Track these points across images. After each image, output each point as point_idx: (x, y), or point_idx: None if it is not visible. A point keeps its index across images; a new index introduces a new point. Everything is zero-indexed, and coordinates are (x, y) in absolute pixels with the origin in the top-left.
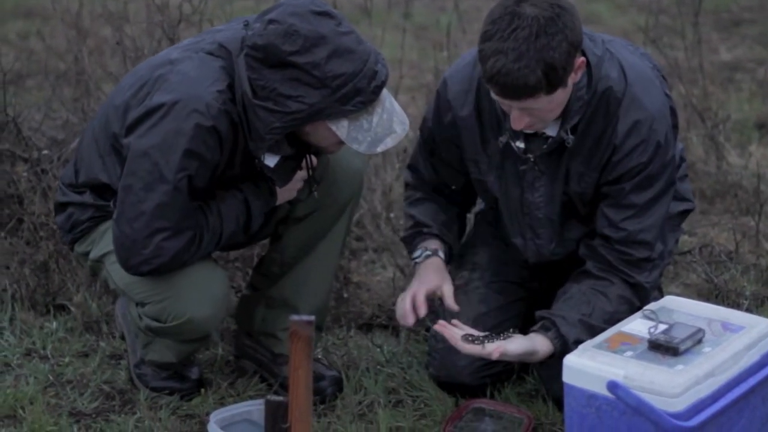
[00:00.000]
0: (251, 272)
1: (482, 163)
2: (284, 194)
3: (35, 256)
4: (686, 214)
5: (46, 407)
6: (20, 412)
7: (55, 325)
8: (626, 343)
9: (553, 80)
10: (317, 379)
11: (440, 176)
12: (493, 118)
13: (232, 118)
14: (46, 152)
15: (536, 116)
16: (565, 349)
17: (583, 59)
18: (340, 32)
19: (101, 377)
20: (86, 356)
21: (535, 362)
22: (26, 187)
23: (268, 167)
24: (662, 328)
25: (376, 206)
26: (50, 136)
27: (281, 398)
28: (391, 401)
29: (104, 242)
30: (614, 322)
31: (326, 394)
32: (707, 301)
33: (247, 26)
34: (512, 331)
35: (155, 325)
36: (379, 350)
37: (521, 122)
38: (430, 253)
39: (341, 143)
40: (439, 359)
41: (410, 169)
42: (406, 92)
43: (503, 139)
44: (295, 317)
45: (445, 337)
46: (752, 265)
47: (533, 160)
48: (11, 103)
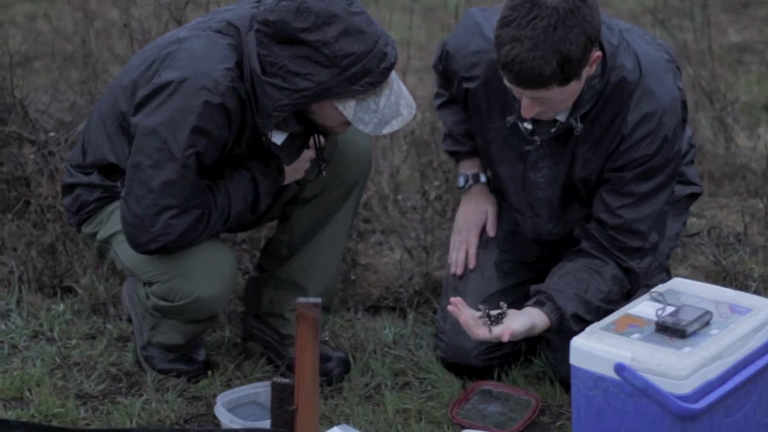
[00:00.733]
0: (259, 254)
1: (488, 133)
2: (292, 174)
3: (42, 238)
4: (694, 198)
5: (53, 389)
6: (27, 394)
7: (62, 307)
8: (633, 325)
9: (567, 72)
10: (324, 360)
11: None
12: (502, 93)
13: (240, 95)
14: (53, 134)
15: (547, 106)
16: (561, 322)
17: (599, 53)
18: (351, 12)
19: (108, 359)
20: (93, 338)
21: (535, 339)
22: (33, 169)
23: (275, 144)
24: (670, 310)
25: (383, 188)
26: (57, 118)
27: (288, 380)
28: (398, 383)
29: (111, 223)
30: (607, 301)
31: (333, 375)
32: (715, 283)
33: (259, 3)
34: (504, 306)
35: (163, 304)
36: (386, 332)
37: (531, 111)
38: (472, 181)
39: (347, 124)
40: (446, 342)
41: (436, 71)
42: (414, 74)
43: (511, 119)
44: (301, 299)
45: (458, 319)
46: (760, 247)
47: (539, 143)
48: (18, 85)
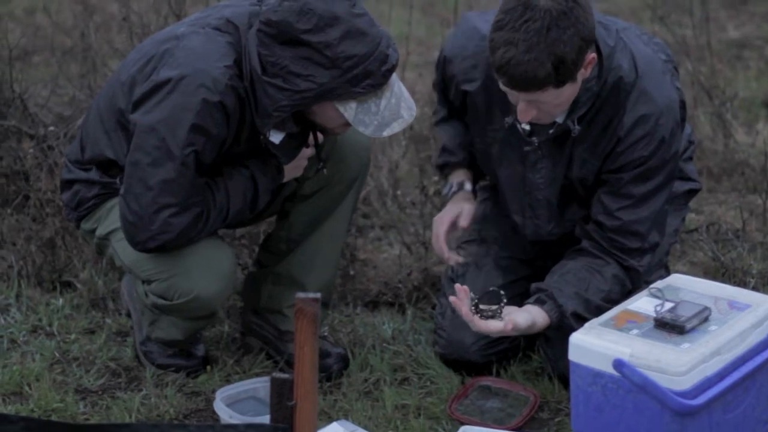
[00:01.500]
0: (258, 249)
1: (487, 134)
2: (291, 171)
3: (41, 232)
4: (692, 194)
5: (52, 384)
6: (26, 388)
7: (61, 302)
8: (632, 321)
9: (562, 74)
10: (323, 356)
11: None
12: (502, 94)
13: (239, 93)
14: (52, 128)
15: (543, 110)
16: (561, 320)
17: (593, 55)
18: (354, 13)
19: (107, 354)
20: (92, 333)
21: (534, 335)
22: (32, 163)
23: (273, 144)
24: (668, 306)
25: (382, 183)
26: (56, 112)
27: (287, 375)
28: (397, 379)
29: (110, 219)
30: (608, 300)
31: (332, 371)
32: (714, 279)
33: (260, 2)
34: (504, 303)
35: (162, 302)
36: (385, 327)
37: (527, 115)
38: (456, 188)
39: (347, 125)
40: (445, 337)
41: (435, 89)
42: (413, 69)
43: (509, 119)
44: (301, 294)
45: (459, 311)
46: (759, 243)
47: (537, 144)
48: (17, 79)
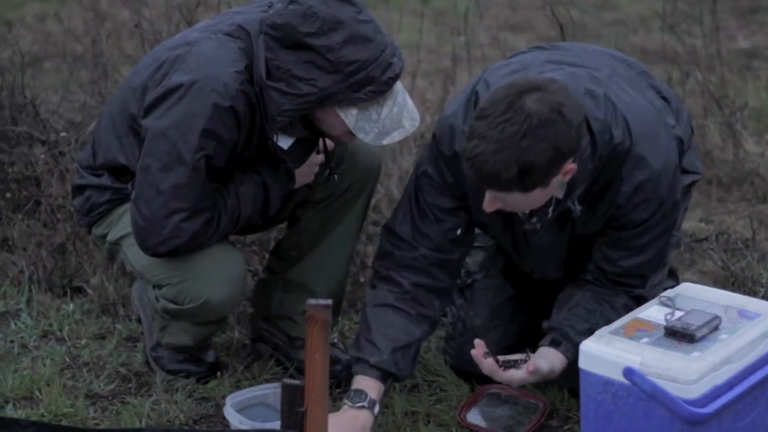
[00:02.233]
0: (268, 256)
1: (487, 218)
2: (302, 177)
3: (52, 238)
4: (694, 184)
5: (62, 389)
6: (37, 393)
7: (71, 307)
8: (642, 329)
9: (527, 182)
10: (333, 362)
11: (427, 232)
12: None
13: (249, 98)
14: (63, 134)
15: (511, 205)
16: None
17: (572, 166)
18: (359, 19)
19: (118, 359)
20: (103, 338)
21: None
22: (44, 169)
23: (281, 149)
24: (678, 314)
25: (392, 191)
26: (68, 118)
27: (297, 381)
28: (406, 386)
29: (122, 225)
30: None
31: (341, 378)
32: (723, 288)
33: (270, 7)
34: (527, 355)
35: (172, 307)
36: None
37: (492, 206)
38: (365, 404)
39: (351, 134)
40: (456, 348)
41: (388, 230)
42: (423, 77)
43: None
44: (312, 301)
45: (481, 366)
46: None
47: (539, 227)
48: (29, 85)
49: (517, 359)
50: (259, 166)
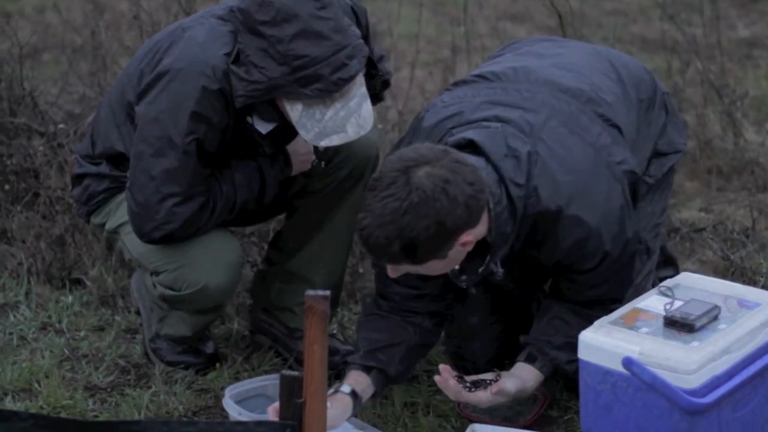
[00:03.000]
0: (267, 247)
1: None
2: (299, 165)
3: (51, 230)
4: (674, 166)
5: (61, 381)
6: (36, 385)
7: (70, 299)
8: (642, 319)
9: (415, 256)
10: (331, 353)
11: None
12: None
13: None
14: (62, 126)
15: (414, 271)
16: (556, 371)
17: (469, 238)
18: (316, 15)
19: (116, 351)
20: (102, 330)
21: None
22: (42, 161)
23: (258, 132)
24: (678, 304)
25: None
26: (66, 110)
27: (296, 373)
28: None
29: (120, 213)
30: None
31: (340, 369)
32: (723, 278)
33: None
34: (498, 376)
35: (170, 293)
36: None
37: (393, 274)
38: (331, 390)
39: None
40: (454, 347)
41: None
42: (423, 67)
43: None
44: (310, 292)
45: (446, 390)
46: None
47: (466, 286)
48: (28, 77)
49: (486, 379)
50: (256, 154)
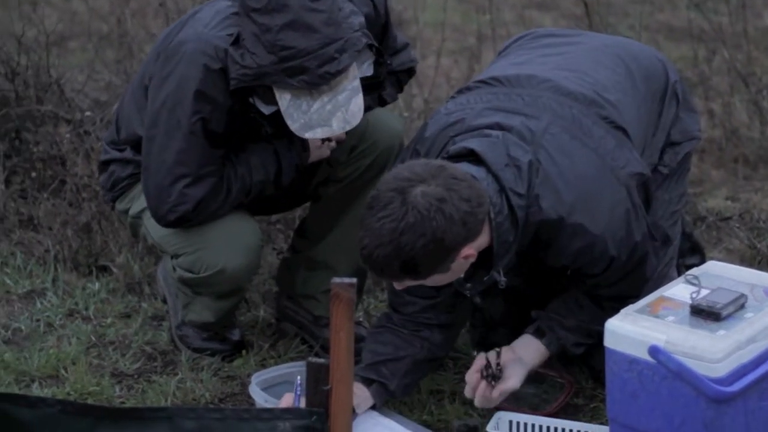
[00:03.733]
0: (292, 234)
1: None
2: (317, 151)
3: (78, 217)
4: (690, 153)
5: (88, 368)
6: (63, 372)
7: (97, 286)
8: (668, 307)
9: (416, 273)
10: (357, 340)
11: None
12: None
13: None
14: (88, 114)
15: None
16: (562, 350)
17: (471, 251)
18: (308, 7)
19: (143, 338)
20: (128, 317)
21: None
22: (69, 148)
23: (261, 113)
24: (704, 293)
25: None
26: (93, 97)
27: (322, 360)
28: None
29: (143, 198)
30: None
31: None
32: (749, 266)
33: None
34: (497, 350)
35: (189, 276)
36: None
37: (399, 287)
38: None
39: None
40: (478, 337)
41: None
42: (448, 55)
43: None
44: (336, 279)
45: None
46: None
47: (470, 294)
48: (54, 64)
49: (491, 363)
50: (272, 138)
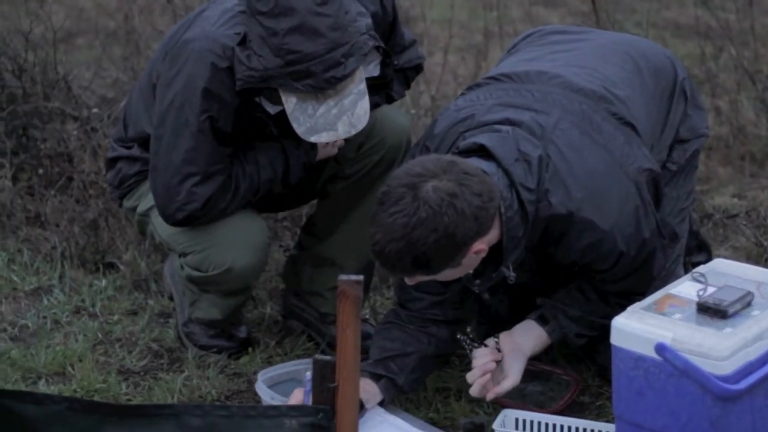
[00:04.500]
0: (299, 232)
1: None
2: (324, 149)
3: (85, 214)
4: (698, 150)
5: (94, 365)
6: (69, 369)
7: (104, 283)
8: (674, 305)
9: (428, 269)
10: (364, 338)
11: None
12: None
13: None
14: (95, 110)
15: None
16: (563, 339)
17: (482, 246)
18: (315, 11)
19: (150, 335)
20: (135, 314)
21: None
22: (76, 145)
23: (267, 113)
24: (711, 290)
25: None
26: (100, 94)
27: (329, 357)
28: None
29: (151, 196)
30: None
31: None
32: (756, 264)
33: None
34: (496, 338)
35: (196, 274)
36: None
37: (410, 282)
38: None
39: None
40: (484, 334)
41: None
42: (455, 52)
43: None
44: (343, 277)
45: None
46: None
47: (482, 290)
48: (61, 61)
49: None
50: (280, 137)
